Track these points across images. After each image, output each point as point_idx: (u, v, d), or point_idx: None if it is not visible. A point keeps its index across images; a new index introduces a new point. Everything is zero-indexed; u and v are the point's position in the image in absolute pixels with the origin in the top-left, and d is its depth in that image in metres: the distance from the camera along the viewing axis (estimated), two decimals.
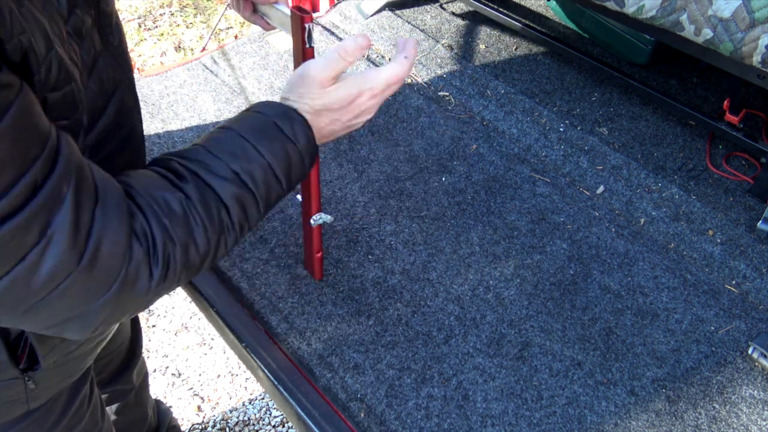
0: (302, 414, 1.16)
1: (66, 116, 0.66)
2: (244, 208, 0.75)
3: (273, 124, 0.78)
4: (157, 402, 1.68)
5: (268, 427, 1.88)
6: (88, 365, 0.99)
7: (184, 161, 0.73)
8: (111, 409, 1.41)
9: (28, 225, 0.56)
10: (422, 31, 2.09)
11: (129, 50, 0.89)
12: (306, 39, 0.95)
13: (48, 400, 0.92)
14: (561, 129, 1.76)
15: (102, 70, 0.76)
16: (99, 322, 0.67)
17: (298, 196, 1.17)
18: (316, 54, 0.95)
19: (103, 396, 1.38)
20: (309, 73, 0.82)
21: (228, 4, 1.17)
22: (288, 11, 0.99)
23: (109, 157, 0.80)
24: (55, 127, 0.60)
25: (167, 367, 1.99)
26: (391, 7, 2.18)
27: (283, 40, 2.04)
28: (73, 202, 0.59)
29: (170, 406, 1.89)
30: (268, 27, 1.12)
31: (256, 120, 0.79)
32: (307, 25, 0.94)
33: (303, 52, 0.97)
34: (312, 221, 1.21)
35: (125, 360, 1.36)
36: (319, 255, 1.31)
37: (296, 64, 1.00)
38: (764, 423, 1.18)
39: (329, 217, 1.21)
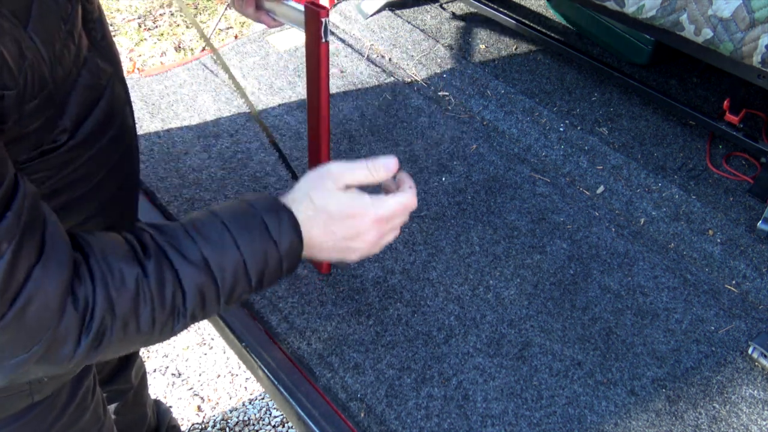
0: (302, 414, 1.16)
1: (41, 116, 0.65)
2: (203, 298, 0.70)
3: (260, 220, 0.73)
4: (157, 402, 1.68)
5: (268, 427, 1.88)
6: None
7: (157, 235, 0.70)
8: (110, 409, 1.41)
9: None
10: (422, 31, 2.09)
11: (116, 44, 0.89)
12: (322, 33, 0.94)
13: (51, 393, 0.92)
14: (561, 129, 1.76)
15: (90, 66, 0.76)
16: (10, 378, 0.64)
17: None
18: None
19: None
20: (330, 169, 0.76)
21: (228, 4, 1.17)
22: (300, 7, 0.97)
23: (100, 152, 0.80)
24: (14, 174, 0.58)
25: (167, 367, 1.99)
26: (391, 7, 2.18)
27: (283, 40, 2.04)
28: (11, 257, 0.57)
29: (170, 406, 1.89)
30: (273, 24, 1.09)
31: (243, 211, 0.74)
32: (323, 20, 0.93)
33: (318, 47, 0.95)
34: None
35: (124, 359, 1.36)
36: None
37: (309, 60, 0.98)
38: (764, 423, 1.18)
39: None
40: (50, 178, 0.74)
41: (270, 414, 1.91)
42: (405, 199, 0.77)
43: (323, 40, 0.95)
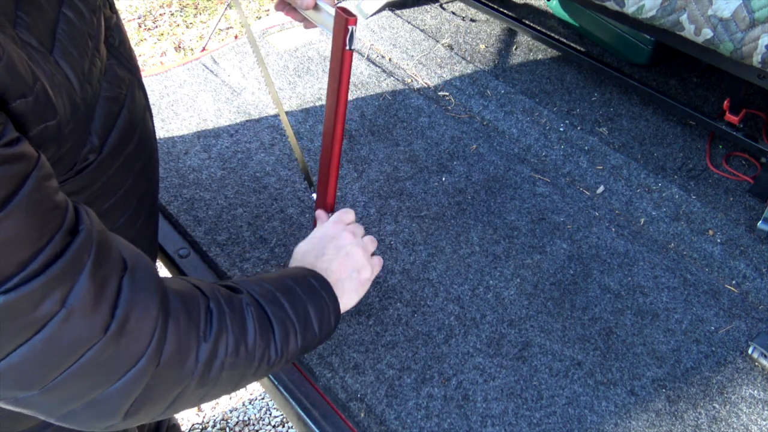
0: (302, 414, 1.16)
1: (74, 138, 0.65)
2: (287, 337, 0.80)
3: (310, 283, 0.90)
4: None
5: (268, 427, 1.88)
6: None
7: (255, 292, 0.80)
8: None
9: (46, 293, 0.53)
10: (422, 31, 2.09)
11: (133, 49, 0.89)
12: (347, 41, 0.95)
13: None
14: (561, 129, 1.76)
15: (110, 76, 0.75)
16: (127, 406, 0.62)
17: (314, 195, 1.20)
18: (354, 57, 0.97)
19: None
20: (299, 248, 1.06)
21: (228, 4, 1.16)
22: (332, 11, 0.98)
23: (126, 160, 0.79)
24: (69, 200, 0.59)
25: None
26: (391, 7, 2.18)
27: (283, 40, 2.04)
28: (93, 271, 0.57)
29: None
30: (300, 19, 1.09)
31: (300, 279, 0.90)
32: (350, 27, 0.93)
33: (342, 53, 0.96)
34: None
35: None
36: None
37: (333, 65, 1.00)
38: (764, 423, 1.18)
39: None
40: (82, 192, 0.74)
41: (270, 414, 1.90)
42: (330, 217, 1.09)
43: (348, 47, 0.95)
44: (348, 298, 0.99)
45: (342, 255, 0.99)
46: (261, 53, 1.98)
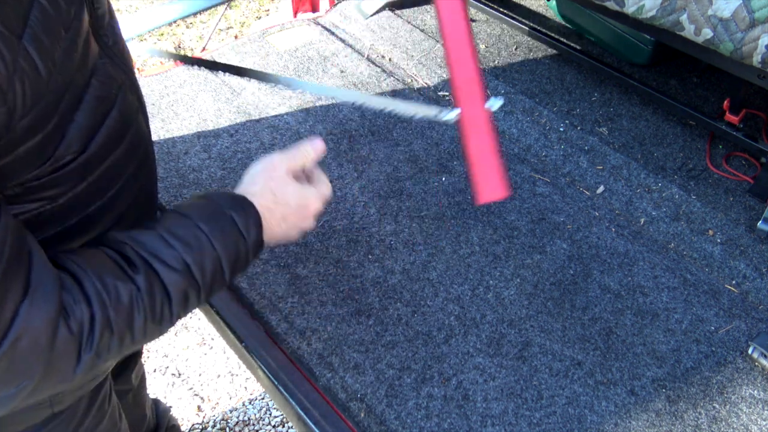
0: (302, 414, 1.16)
1: (39, 131, 0.64)
2: (186, 300, 0.75)
3: (229, 218, 0.78)
4: (157, 402, 1.68)
5: (268, 427, 1.88)
6: (111, 368, 1.00)
7: (137, 247, 0.72)
8: None
9: None
10: (422, 31, 2.09)
11: (128, 50, 0.88)
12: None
13: (71, 403, 0.92)
14: (561, 129, 1.76)
15: (100, 75, 0.74)
16: (14, 404, 0.65)
17: (452, 114, 1.00)
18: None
19: None
20: (275, 161, 0.86)
21: (227, 4, 1.15)
22: None
23: (115, 163, 0.79)
24: None
25: (167, 367, 1.99)
26: (391, 7, 2.18)
27: (283, 40, 2.04)
28: None
29: (170, 406, 1.89)
30: None
31: (212, 210, 0.78)
32: None
33: (466, 25, 0.89)
34: (487, 106, 1.03)
35: (125, 361, 1.36)
36: (498, 164, 1.00)
37: (450, 44, 0.91)
38: (764, 423, 1.18)
39: (499, 100, 1.04)
40: (65, 194, 0.73)
41: (270, 414, 1.90)
42: (326, 190, 0.91)
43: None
44: (271, 239, 0.87)
45: (291, 207, 0.87)
46: (261, 52, 1.98)
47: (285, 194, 0.85)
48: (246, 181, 0.87)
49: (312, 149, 0.89)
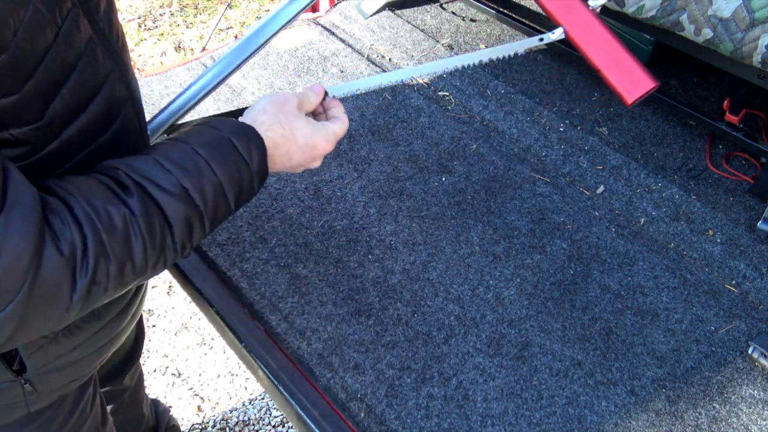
0: (302, 414, 1.16)
1: (16, 88, 0.62)
2: (189, 228, 0.71)
3: (228, 141, 0.75)
4: (156, 402, 1.68)
5: (268, 427, 1.88)
6: (95, 370, 0.98)
7: (131, 172, 0.69)
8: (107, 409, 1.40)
9: None
10: (422, 31, 2.09)
11: (126, 43, 0.87)
12: None
13: (53, 402, 0.92)
14: (561, 129, 1.76)
15: (89, 59, 0.72)
16: (8, 333, 0.62)
17: (556, 33, 0.88)
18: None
19: None
20: (289, 96, 0.84)
21: (228, 4, 1.14)
22: None
23: (100, 152, 0.77)
24: None
25: (167, 367, 1.99)
26: (391, 7, 2.18)
27: (283, 40, 2.04)
28: None
29: (170, 406, 1.89)
30: None
31: (211, 134, 0.76)
32: None
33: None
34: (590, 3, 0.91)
35: (121, 363, 1.35)
36: (632, 57, 0.89)
37: (572, 25, 0.83)
38: (764, 423, 1.18)
39: None
40: (44, 177, 0.71)
41: (270, 414, 1.90)
42: (341, 127, 0.90)
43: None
44: (278, 166, 0.85)
45: (299, 144, 0.84)
46: (261, 52, 1.98)
47: (293, 129, 0.82)
48: (256, 109, 0.83)
49: (316, 94, 0.90)
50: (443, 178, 1.61)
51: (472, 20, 2.19)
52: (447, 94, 1.88)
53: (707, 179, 1.65)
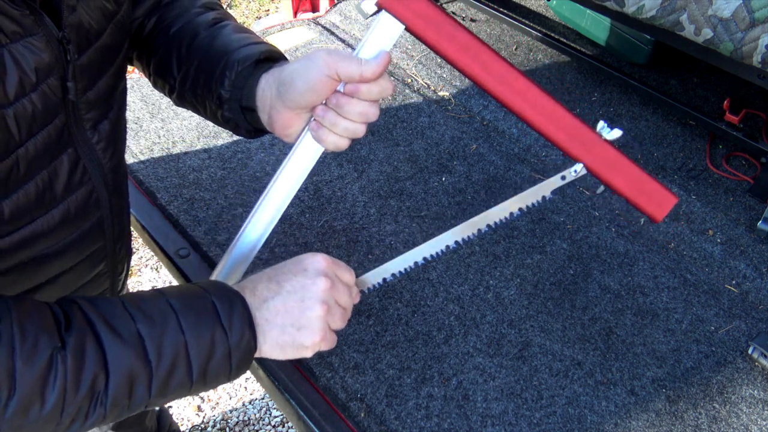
0: (302, 414, 1.16)
1: None
2: (130, 384, 0.61)
3: (210, 303, 0.66)
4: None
5: (268, 427, 1.88)
6: None
7: (87, 307, 0.61)
8: (108, 426, 1.40)
9: None
10: None
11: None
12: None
13: None
14: None
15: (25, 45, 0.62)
16: None
17: (577, 168, 0.89)
18: None
19: None
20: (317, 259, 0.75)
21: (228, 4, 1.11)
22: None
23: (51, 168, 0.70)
24: None
25: None
26: None
27: (283, 40, 2.04)
28: None
29: (170, 407, 1.89)
30: None
31: (192, 291, 0.67)
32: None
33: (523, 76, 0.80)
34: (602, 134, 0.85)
35: None
36: (650, 177, 0.85)
37: (527, 110, 0.83)
38: (764, 423, 1.18)
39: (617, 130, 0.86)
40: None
41: (270, 414, 1.90)
42: (348, 274, 0.79)
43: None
44: (268, 348, 0.71)
45: (295, 298, 0.72)
46: None
47: (290, 284, 0.71)
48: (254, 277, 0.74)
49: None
50: (443, 178, 1.61)
51: (472, 20, 2.19)
52: (447, 94, 1.88)
53: (707, 179, 1.65)
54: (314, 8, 2.20)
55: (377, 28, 0.78)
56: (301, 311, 0.71)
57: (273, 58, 0.83)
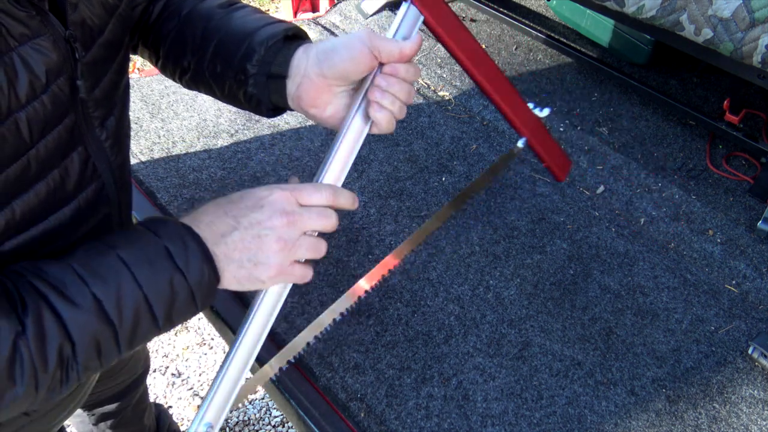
0: (302, 414, 1.16)
1: None
2: (98, 347, 0.61)
3: (163, 249, 0.65)
4: (157, 405, 1.67)
5: (268, 427, 1.88)
6: (58, 427, 0.95)
7: (37, 281, 0.60)
8: (106, 424, 1.40)
9: None
10: (422, 31, 2.08)
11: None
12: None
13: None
14: (561, 129, 1.76)
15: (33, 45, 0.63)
16: None
17: (520, 143, 1.03)
18: None
19: (90, 414, 1.37)
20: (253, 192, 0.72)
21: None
22: None
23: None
24: None
25: (167, 367, 1.99)
26: (391, 7, 2.17)
27: None
28: None
29: (170, 406, 1.89)
30: None
31: (143, 240, 0.65)
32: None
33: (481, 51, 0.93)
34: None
35: (114, 397, 1.34)
36: (559, 149, 1.08)
37: (483, 78, 0.95)
38: (764, 423, 1.18)
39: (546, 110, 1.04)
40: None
41: (270, 414, 1.90)
42: (317, 194, 0.74)
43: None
44: (226, 281, 0.71)
45: (252, 234, 0.70)
46: None
47: (246, 219, 0.69)
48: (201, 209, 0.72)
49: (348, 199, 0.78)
50: (443, 178, 1.61)
51: (472, 20, 2.19)
52: (447, 94, 1.88)
53: (707, 179, 1.65)
54: (314, 8, 2.20)
55: (404, 18, 0.87)
56: (258, 247, 0.70)
57: (301, 35, 0.84)
